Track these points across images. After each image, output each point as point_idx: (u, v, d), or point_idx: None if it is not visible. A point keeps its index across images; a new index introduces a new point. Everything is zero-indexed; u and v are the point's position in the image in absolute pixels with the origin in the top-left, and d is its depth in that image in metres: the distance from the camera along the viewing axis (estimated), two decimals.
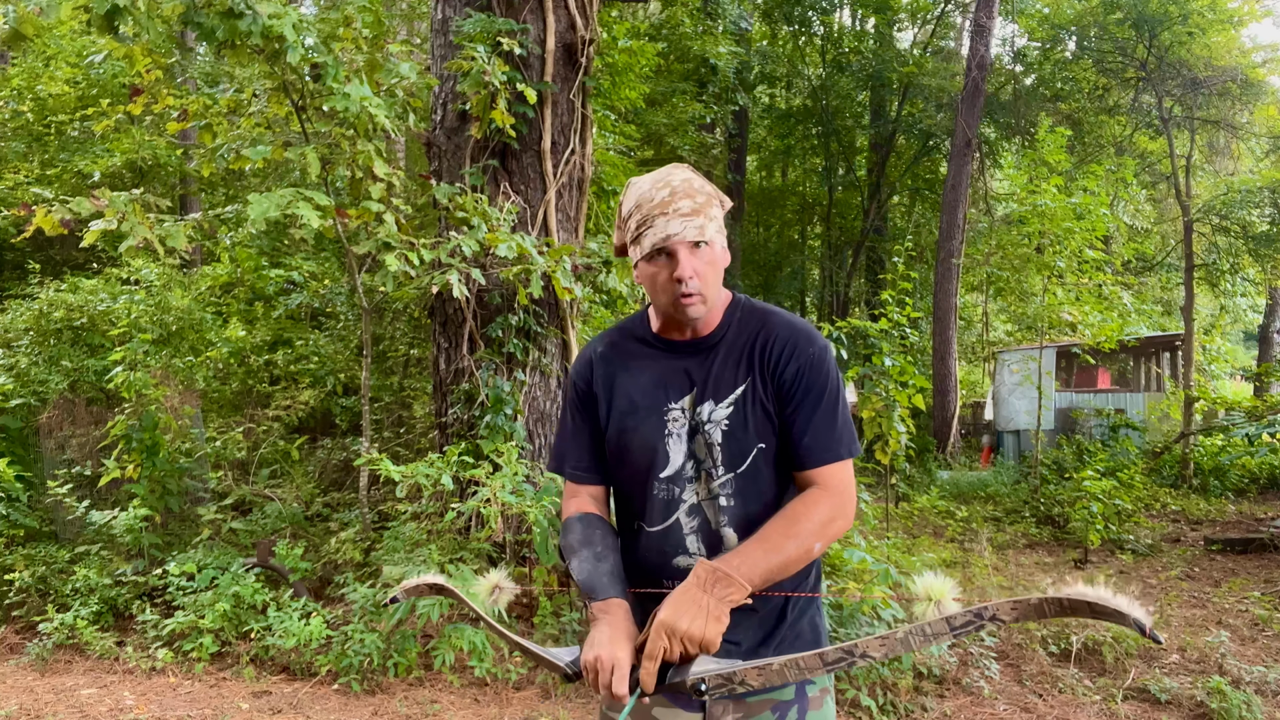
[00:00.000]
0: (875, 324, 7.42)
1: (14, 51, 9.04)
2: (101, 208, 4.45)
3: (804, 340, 1.61)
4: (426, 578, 1.69)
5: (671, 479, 1.62)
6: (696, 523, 1.60)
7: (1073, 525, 7.84)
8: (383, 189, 4.98)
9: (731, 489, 1.59)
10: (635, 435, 1.64)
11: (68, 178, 9.63)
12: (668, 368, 1.65)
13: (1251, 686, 4.17)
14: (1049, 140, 10.76)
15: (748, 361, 1.60)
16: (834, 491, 1.55)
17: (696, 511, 1.61)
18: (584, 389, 1.73)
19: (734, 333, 1.64)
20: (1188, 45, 14.26)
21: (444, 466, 4.73)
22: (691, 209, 1.54)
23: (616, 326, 1.79)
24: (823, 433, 1.57)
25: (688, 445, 1.61)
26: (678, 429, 1.62)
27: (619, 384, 1.69)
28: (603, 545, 1.63)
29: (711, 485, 1.60)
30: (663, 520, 1.63)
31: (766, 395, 1.59)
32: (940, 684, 4.31)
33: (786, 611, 1.64)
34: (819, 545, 1.51)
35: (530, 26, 5.66)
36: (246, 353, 7.44)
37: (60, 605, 5.09)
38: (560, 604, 4.81)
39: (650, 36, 12.49)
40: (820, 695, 1.65)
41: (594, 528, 1.66)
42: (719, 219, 1.60)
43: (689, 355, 1.64)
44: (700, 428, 1.60)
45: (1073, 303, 9.88)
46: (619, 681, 1.44)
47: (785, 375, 1.58)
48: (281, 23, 4.34)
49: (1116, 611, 1.21)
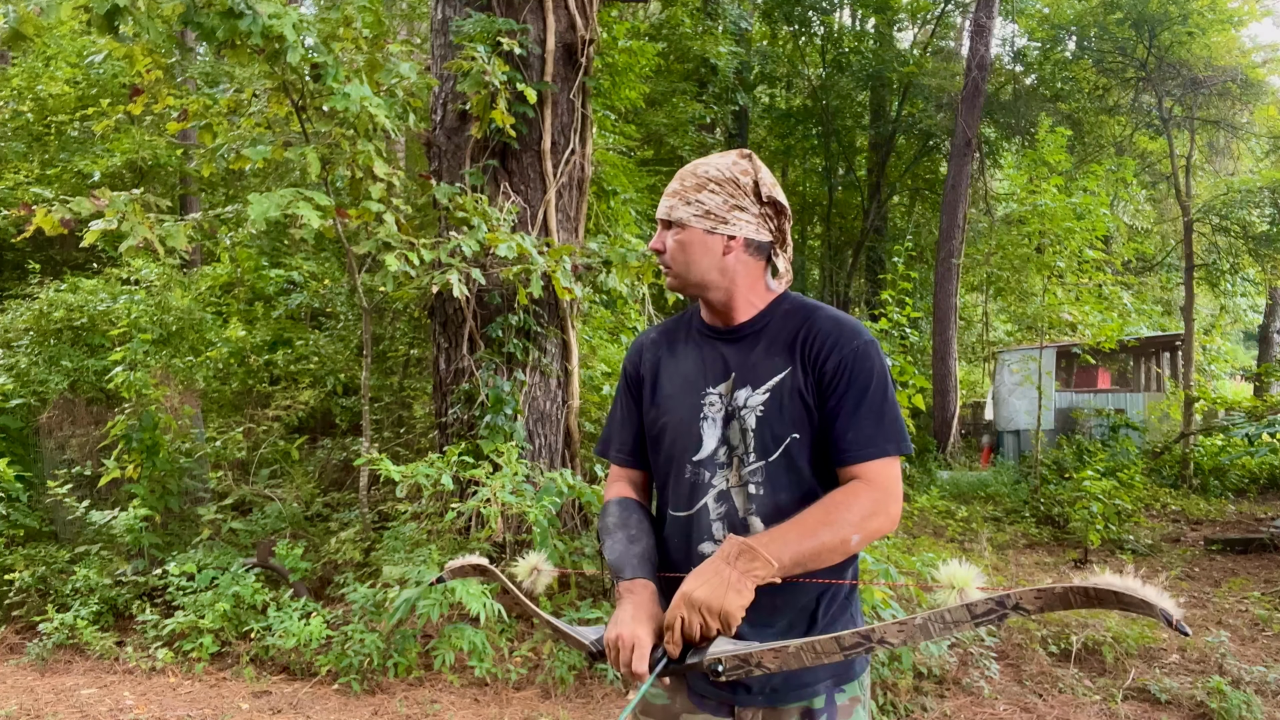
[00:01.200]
0: (875, 324, 7.42)
1: (14, 51, 9.04)
2: (101, 208, 4.45)
3: (848, 334, 1.59)
4: (471, 559, 1.71)
5: (703, 463, 1.62)
6: (724, 509, 1.60)
7: (1073, 525, 7.84)
8: (383, 189, 4.98)
9: (762, 477, 1.58)
10: (671, 417, 1.67)
11: (68, 178, 9.63)
12: (710, 353, 1.67)
13: (1251, 686, 4.17)
14: (1049, 140, 10.76)
15: (789, 352, 1.61)
16: (877, 487, 1.51)
17: (725, 498, 1.60)
18: (633, 374, 1.78)
19: (777, 323, 1.64)
20: (1188, 45, 14.26)
21: (444, 466, 4.73)
22: (674, 190, 1.63)
23: (674, 316, 1.83)
24: (866, 428, 1.54)
25: (722, 430, 1.62)
26: (713, 413, 1.63)
27: (664, 369, 1.72)
28: (638, 529, 1.64)
29: (742, 472, 1.59)
30: (690, 505, 1.63)
31: (806, 386, 1.58)
32: (940, 684, 4.30)
33: (818, 615, 1.60)
34: (857, 538, 1.48)
35: (530, 26, 5.66)
36: (246, 353, 7.43)
37: (60, 605, 5.09)
38: (561, 603, 4.81)
39: (650, 36, 12.50)
40: (850, 704, 1.63)
41: (631, 511, 1.68)
42: (716, 208, 1.60)
43: (731, 342, 1.66)
44: (736, 413, 1.60)
45: (1073, 303, 9.88)
46: (639, 660, 1.44)
47: (826, 368, 1.57)
48: (281, 23, 4.34)
49: (1144, 602, 1.17)
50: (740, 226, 1.61)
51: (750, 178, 1.61)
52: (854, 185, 20.49)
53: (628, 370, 1.80)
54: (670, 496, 1.68)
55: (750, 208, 1.61)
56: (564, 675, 4.30)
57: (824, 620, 1.60)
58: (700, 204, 1.60)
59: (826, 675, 1.60)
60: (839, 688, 1.62)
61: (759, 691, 1.59)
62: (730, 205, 1.60)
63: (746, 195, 1.61)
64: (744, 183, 1.61)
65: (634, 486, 1.78)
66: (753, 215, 1.62)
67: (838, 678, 1.61)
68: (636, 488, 1.78)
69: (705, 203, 1.60)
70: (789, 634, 1.57)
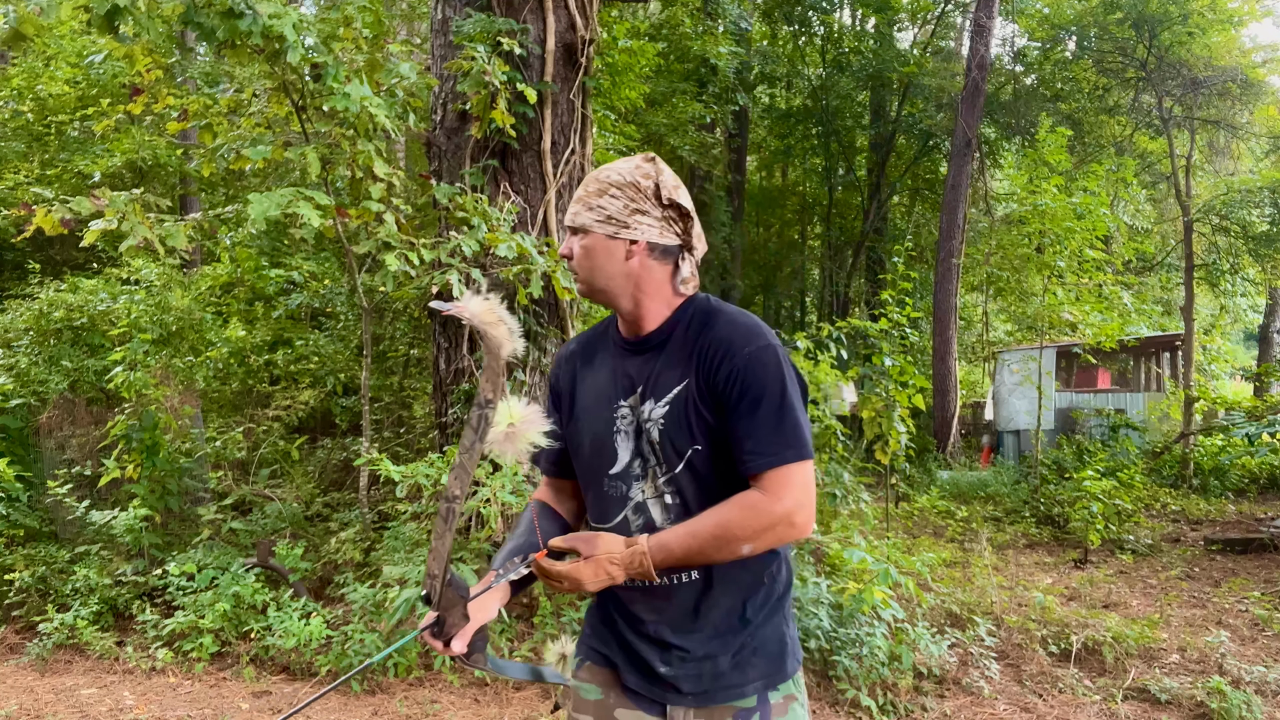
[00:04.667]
0: (875, 324, 7.41)
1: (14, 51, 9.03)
2: (101, 207, 4.45)
3: (740, 340, 1.56)
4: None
5: (620, 476, 1.64)
6: (641, 521, 1.62)
7: (1073, 525, 7.84)
8: (383, 189, 4.98)
9: (674, 488, 1.60)
10: (587, 432, 1.69)
11: (68, 178, 9.63)
12: (620, 367, 1.68)
13: (1251, 686, 4.17)
14: (1049, 140, 10.76)
15: (687, 362, 1.60)
16: (775, 496, 1.50)
17: (642, 510, 1.62)
18: (554, 387, 1.81)
19: (681, 332, 1.63)
20: (1188, 45, 14.26)
21: (444, 466, 4.73)
22: (579, 196, 1.64)
23: (595, 326, 1.83)
24: (763, 437, 1.52)
25: (634, 443, 1.63)
26: (625, 426, 1.64)
27: (580, 382, 1.74)
28: (524, 526, 1.68)
29: (657, 483, 1.61)
30: (610, 518, 1.66)
31: (701, 397, 1.57)
32: (940, 684, 4.31)
33: (748, 615, 1.63)
34: (748, 547, 1.50)
35: (530, 26, 5.66)
36: (246, 353, 7.43)
37: (60, 605, 5.09)
38: (560, 603, 4.81)
39: (650, 36, 12.49)
40: (785, 702, 1.64)
41: (527, 513, 1.73)
42: (617, 212, 1.60)
43: (638, 354, 1.66)
44: (643, 426, 1.61)
45: (1073, 303, 9.88)
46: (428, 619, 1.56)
47: (718, 378, 1.55)
48: (281, 23, 4.34)
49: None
50: (642, 230, 1.60)
51: (651, 181, 1.60)
52: (854, 185, 20.48)
53: (551, 383, 1.83)
54: (593, 509, 1.71)
55: (652, 211, 1.60)
56: None
57: (756, 621, 1.63)
58: (602, 209, 1.60)
59: (757, 677, 1.63)
60: (772, 687, 1.64)
61: (690, 691, 1.62)
62: (631, 209, 1.59)
63: (648, 199, 1.60)
64: (644, 186, 1.60)
65: (556, 491, 1.83)
66: (655, 219, 1.60)
67: (769, 679, 1.64)
68: (559, 492, 1.83)
69: (606, 207, 1.60)
70: (721, 636, 1.62)
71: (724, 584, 1.61)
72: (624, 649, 1.68)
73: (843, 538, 5.22)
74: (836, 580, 4.53)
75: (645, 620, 1.64)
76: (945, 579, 5.59)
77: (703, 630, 1.61)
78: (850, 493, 6.07)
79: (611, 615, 1.70)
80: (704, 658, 1.61)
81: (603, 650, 1.72)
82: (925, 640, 4.31)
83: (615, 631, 1.69)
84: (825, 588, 4.45)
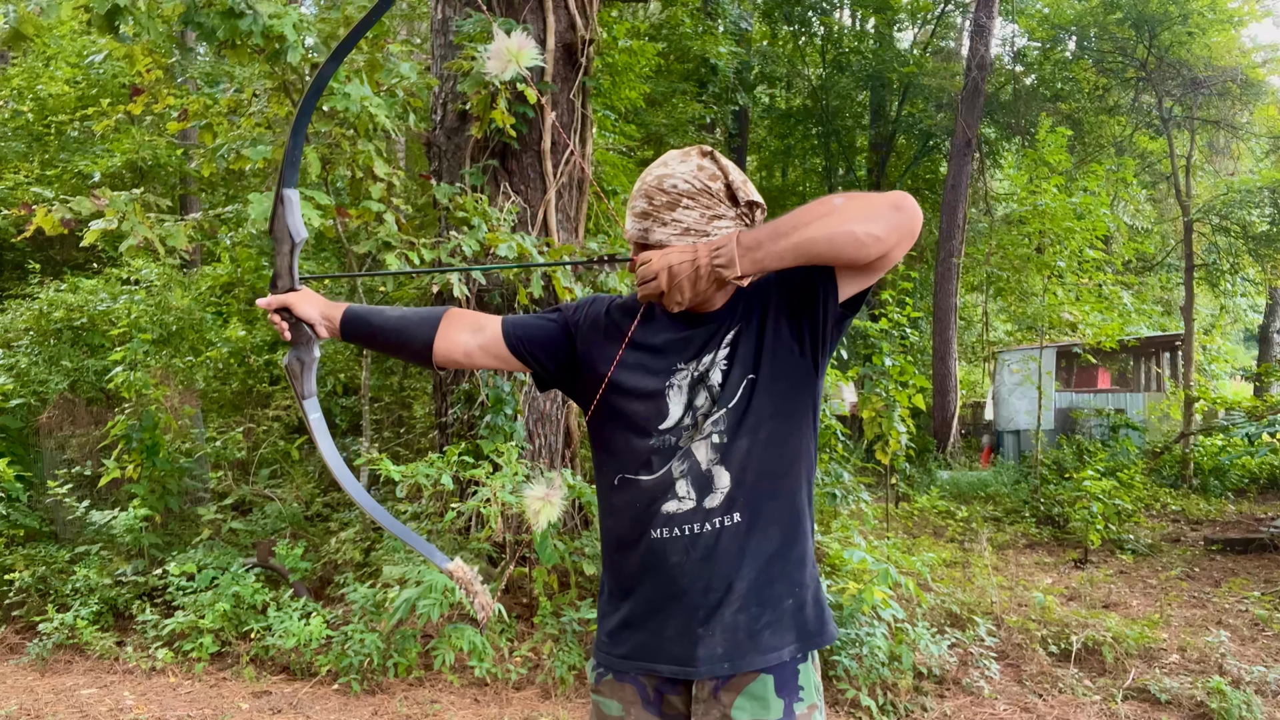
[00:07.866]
0: (875, 324, 7.42)
1: (14, 51, 9.03)
2: (102, 207, 4.46)
3: None
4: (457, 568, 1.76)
5: (669, 430, 1.61)
6: (686, 466, 1.59)
7: (1073, 525, 7.84)
8: (383, 189, 4.98)
9: (724, 425, 1.58)
10: (636, 389, 1.63)
11: (68, 178, 9.63)
12: (679, 332, 1.65)
13: (1251, 686, 4.17)
14: (1049, 140, 10.76)
15: (739, 311, 1.62)
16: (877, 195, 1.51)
17: (687, 456, 1.59)
18: (580, 320, 1.73)
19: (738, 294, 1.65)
20: (1188, 45, 14.26)
21: (444, 466, 4.73)
22: (644, 211, 1.58)
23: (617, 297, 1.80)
24: None
25: (688, 397, 1.61)
26: (679, 380, 1.61)
27: (608, 338, 1.69)
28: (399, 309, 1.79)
29: (705, 425, 1.59)
30: (654, 470, 1.61)
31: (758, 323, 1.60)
32: (940, 684, 4.31)
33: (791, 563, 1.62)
34: (850, 227, 1.45)
35: (530, 26, 5.66)
36: (246, 353, 7.44)
37: (60, 605, 5.09)
38: (560, 603, 4.81)
39: (650, 36, 12.50)
40: (808, 712, 1.63)
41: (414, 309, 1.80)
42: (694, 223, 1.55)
43: (701, 325, 1.64)
44: (705, 376, 1.60)
45: (1073, 303, 9.87)
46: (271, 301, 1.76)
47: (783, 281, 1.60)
48: (282, 23, 4.34)
49: None
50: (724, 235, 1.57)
51: (720, 182, 1.56)
52: (854, 185, 20.47)
53: (579, 311, 1.74)
54: (630, 463, 1.64)
55: (728, 213, 1.56)
56: (564, 675, 4.30)
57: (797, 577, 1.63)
58: (678, 222, 1.55)
59: (792, 640, 1.61)
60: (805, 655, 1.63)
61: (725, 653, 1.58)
62: (709, 217, 1.55)
63: (722, 202, 1.55)
64: (716, 189, 1.55)
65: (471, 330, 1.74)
66: (732, 219, 1.56)
67: (803, 644, 1.62)
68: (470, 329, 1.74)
69: (683, 220, 1.54)
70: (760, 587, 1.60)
71: (763, 525, 1.58)
72: (655, 630, 1.61)
73: (843, 538, 5.22)
74: (836, 580, 4.53)
75: (681, 580, 1.58)
76: (945, 579, 5.59)
77: (744, 580, 1.58)
78: (850, 493, 6.08)
79: (638, 612, 1.64)
80: (740, 610, 1.57)
81: (624, 655, 1.65)
82: (925, 640, 4.31)
83: (643, 620, 1.63)
84: (824, 587, 4.45)
